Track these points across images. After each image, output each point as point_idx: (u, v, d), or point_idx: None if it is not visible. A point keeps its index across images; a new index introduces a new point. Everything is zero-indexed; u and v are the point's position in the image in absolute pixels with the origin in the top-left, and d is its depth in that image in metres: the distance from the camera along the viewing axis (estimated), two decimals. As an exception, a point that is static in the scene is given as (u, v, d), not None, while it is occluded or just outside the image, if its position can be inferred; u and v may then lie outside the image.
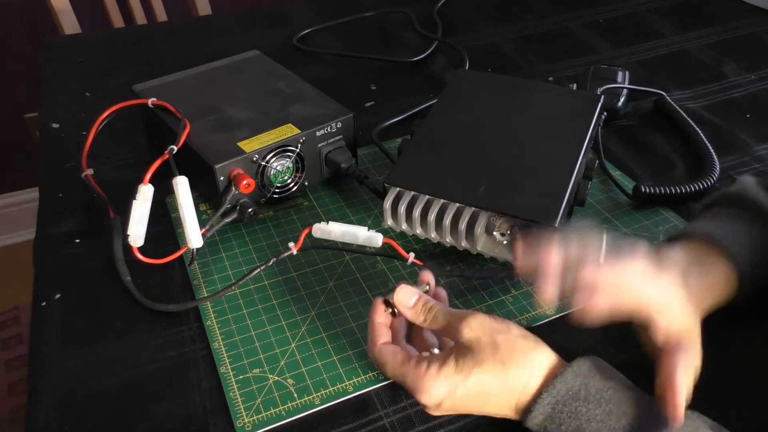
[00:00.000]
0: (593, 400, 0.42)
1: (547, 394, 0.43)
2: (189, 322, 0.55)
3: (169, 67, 0.77)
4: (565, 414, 0.42)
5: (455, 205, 0.56)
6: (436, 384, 0.44)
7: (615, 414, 0.41)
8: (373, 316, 0.49)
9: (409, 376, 0.45)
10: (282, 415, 0.48)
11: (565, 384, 0.43)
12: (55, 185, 0.71)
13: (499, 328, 0.45)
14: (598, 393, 0.42)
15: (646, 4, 1.11)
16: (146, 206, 0.57)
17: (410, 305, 0.48)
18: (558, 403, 0.42)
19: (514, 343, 0.44)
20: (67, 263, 0.61)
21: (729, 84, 0.88)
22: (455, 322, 0.46)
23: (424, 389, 0.44)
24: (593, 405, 0.42)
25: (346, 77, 0.92)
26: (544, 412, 0.43)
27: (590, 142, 0.62)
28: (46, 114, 0.84)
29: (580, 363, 0.44)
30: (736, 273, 0.50)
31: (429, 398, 0.44)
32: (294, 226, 0.65)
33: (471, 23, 1.06)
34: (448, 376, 0.44)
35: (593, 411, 0.42)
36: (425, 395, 0.44)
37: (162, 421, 0.48)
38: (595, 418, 0.41)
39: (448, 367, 0.44)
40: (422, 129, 0.64)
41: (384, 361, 0.47)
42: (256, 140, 0.62)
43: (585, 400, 0.42)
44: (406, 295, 0.49)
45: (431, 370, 0.44)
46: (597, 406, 0.42)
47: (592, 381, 0.43)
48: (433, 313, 0.48)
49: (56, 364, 0.52)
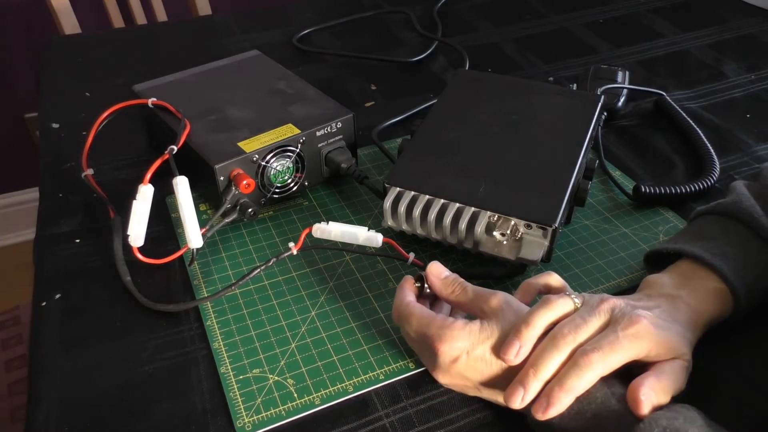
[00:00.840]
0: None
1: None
2: (189, 322, 0.55)
3: (169, 67, 0.77)
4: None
5: (455, 205, 0.56)
6: (460, 335, 0.45)
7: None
8: (402, 284, 0.51)
9: (435, 324, 0.46)
10: (282, 415, 0.48)
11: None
12: (55, 185, 0.71)
13: (524, 308, 0.47)
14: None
15: (646, 4, 1.11)
16: (146, 206, 0.57)
17: (441, 276, 0.51)
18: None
19: None
20: (67, 263, 0.61)
21: (729, 84, 0.88)
22: (485, 294, 0.48)
23: (446, 338, 0.45)
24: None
25: (346, 77, 0.92)
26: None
27: (590, 142, 0.62)
28: (46, 114, 0.84)
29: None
30: (730, 291, 0.50)
31: (448, 348, 0.45)
32: (294, 226, 0.65)
33: (471, 23, 1.06)
34: (472, 331, 0.46)
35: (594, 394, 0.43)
36: (447, 344, 0.45)
37: (162, 421, 0.48)
38: (596, 401, 0.42)
39: (473, 324, 0.46)
40: (422, 129, 0.64)
41: (410, 313, 0.48)
42: (256, 140, 0.62)
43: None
44: (438, 267, 0.51)
45: (457, 323, 0.46)
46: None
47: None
48: (463, 286, 0.50)
49: (56, 364, 0.52)
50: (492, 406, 0.48)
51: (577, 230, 0.64)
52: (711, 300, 0.49)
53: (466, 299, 0.49)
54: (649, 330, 0.44)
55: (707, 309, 0.49)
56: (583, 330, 0.44)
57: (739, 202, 0.54)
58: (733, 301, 0.50)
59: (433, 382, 0.50)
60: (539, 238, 0.55)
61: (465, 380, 0.46)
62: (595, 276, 0.59)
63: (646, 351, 0.44)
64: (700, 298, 0.49)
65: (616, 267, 0.59)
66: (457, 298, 0.50)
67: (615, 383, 0.43)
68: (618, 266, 0.59)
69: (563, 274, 0.58)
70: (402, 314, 0.49)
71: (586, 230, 0.64)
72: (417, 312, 0.48)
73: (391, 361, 0.51)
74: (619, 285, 0.58)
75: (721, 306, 0.50)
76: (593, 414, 0.42)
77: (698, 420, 0.40)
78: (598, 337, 0.44)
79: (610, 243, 0.62)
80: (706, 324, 0.49)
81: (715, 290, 0.50)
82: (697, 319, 0.48)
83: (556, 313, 0.46)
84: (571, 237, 0.63)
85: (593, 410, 0.42)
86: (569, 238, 0.63)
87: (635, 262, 0.60)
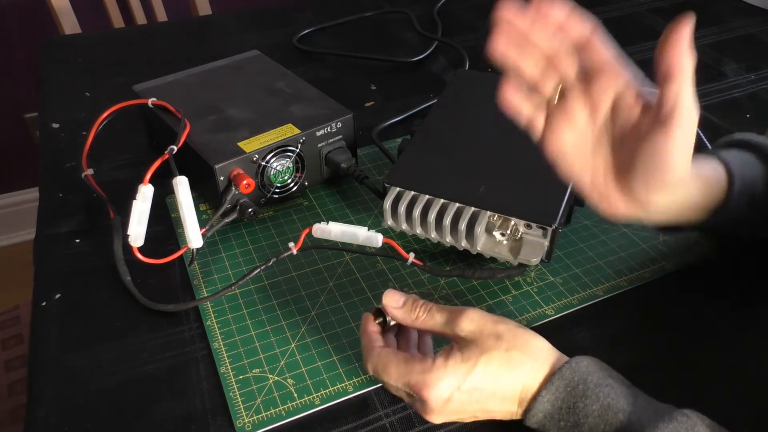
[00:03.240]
0: (591, 396, 0.42)
1: (546, 391, 0.43)
2: (189, 322, 0.55)
3: (169, 67, 0.77)
4: (564, 410, 0.42)
5: (455, 205, 0.56)
6: (444, 375, 0.43)
7: (612, 409, 0.41)
8: (364, 327, 0.48)
9: (415, 371, 0.44)
10: (282, 415, 0.48)
11: (563, 380, 0.43)
12: (55, 185, 0.71)
13: (498, 319, 0.45)
14: (597, 388, 0.42)
15: (646, 4, 1.11)
16: (146, 206, 0.57)
17: (399, 305, 0.47)
18: (557, 399, 0.42)
19: (516, 332, 0.45)
20: (67, 263, 0.61)
21: (729, 84, 0.88)
22: (454, 317, 0.45)
23: (431, 383, 0.43)
24: (591, 401, 0.42)
25: (346, 77, 0.92)
26: (543, 410, 0.43)
27: (590, 142, 0.62)
28: (46, 114, 0.84)
29: (578, 360, 0.44)
30: (726, 174, 0.50)
31: (438, 392, 0.42)
32: (294, 226, 0.65)
33: (471, 23, 1.06)
34: (455, 366, 0.43)
35: (591, 407, 0.42)
36: (434, 390, 0.42)
37: (162, 420, 0.48)
38: (593, 414, 0.41)
39: (454, 358, 0.43)
40: (422, 129, 0.64)
41: (385, 363, 0.45)
42: (256, 140, 0.62)
43: (583, 396, 0.42)
44: (393, 296, 0.47)
45: (438, 362, 0.43)
46: (594, 401, 0.42)
47: (591, 377, 0.43)
48: (428, 308, 0.47)
49: (56, 364, 0.52)
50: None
51: (577, 230, 0.64)
52: (704, 171, 0.49)
53: (434, 323, 0.46)
54: None
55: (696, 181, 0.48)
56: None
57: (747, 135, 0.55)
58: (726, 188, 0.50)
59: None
60: (539, 238, 0.55)
61: (462, 413, 0.45)
62: (595, 276, 0.59)
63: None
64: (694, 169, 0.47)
65: (616, 267, 0.59)
66: (424, 323, 0.46)
67: (610, 394, 0.43)
68: (618, 266, 0.59)
69: (563, 274, 0.59)
70: (377, 367, 0.45)
71: (586, 230, 0.64)
72: (393, 361, 0.45)
73: (391, 361, 0.51)
74: (619, 285, 0.58)
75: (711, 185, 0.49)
76: (589, 428, 0.41)
77: (700, 429, 0.41)
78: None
79: (610, 243, 0.62)
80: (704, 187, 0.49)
81: (714, 168, 0.50)
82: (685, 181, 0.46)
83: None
84: (571, 237, 0.63)
85: (589, 424, 0.42)
86: (569, 238, 0.63)
87: (635, 262, 0.60)
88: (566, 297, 0.57)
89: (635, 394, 0.43)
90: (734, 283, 0.58)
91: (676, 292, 0.57)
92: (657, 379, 0.46)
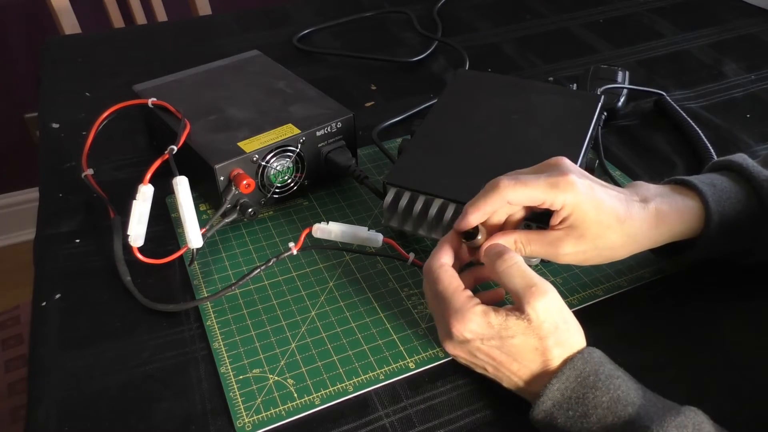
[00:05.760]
0: (602, 387, 0.42)
1: (557, 380, 0.43)
2: (189, 322, 0.55)
3: (169, 67, 0.77)
4: (573, 400, 0.42)
5: (455, 205, 0.56)
6: (476, 321, 0.44)
7: (622, 402, 0.42)
8: (442, 242, 0.50)
9: (457, 301, 0.45)
10: (282, 415, 0.48)
11: (574, 370, 0.43)
12: (55, 185, 0.71)
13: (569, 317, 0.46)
14: (608, 380, 0.43)
15: (646, 4, 1.11)
16: (146, 206, 0.57)
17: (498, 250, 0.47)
18: (567, 389, 0.43)
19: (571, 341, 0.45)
20: (67, 263, 0.61)
21: (729, 84, 0.88)
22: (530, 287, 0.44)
23: (464, 319, 0.44)
24: (601, 392, 0.42)
25: (346, 77, 0.92)
26: (552, 398, 0.43)
27: (590, 142, 0.62)
28: (46, 114, 0.83)
29: (590, 350, 0.45)
30: (704, 209, 0.51)
31: (463, 329, 0.44)
32: (294, 226, 0.65)
33: (471, 23, 1.06)
34: (491, 324, 0.44)
35: (600, 398, 0.42)
36: (461, 325, 0.44)
37: (162, 420, 0.48)
38: (602, 405, 0.42)
39: (498, 317, 0.44)
40: (422, 129, 0.64)
41: (437, 278, 0.47)
42: (256, 140, 0.62)
43: (593, 387, 0.42)
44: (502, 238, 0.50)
45: (480, 308, 0.45)
46: (605, 393, 0.42)
47: (602, 368, 0.43)
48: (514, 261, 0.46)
49: (56, 364, 0.52)
50: (492, 406, 0.48)
51: (577, 230, 0.64)
52: (682, 210, 0.51)
53: (508, 280, 0.45)
54: (572, 183, 0.47)
55: (674, 218, 0.51)
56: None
57: (732, 158, 0.56)
58: (704, 221, 0.51)
59: (433, 382, 0.50)
60: (539, 238, 0.55)
61: (474, 359, 0.46)
62: (595, 276, 0.59)
63: (561, 200, 0.47)
64: (672, 205, 0.51)
65: (616, 267, 0.59)
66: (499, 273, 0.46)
67: (621, 387, 0.43)
68: (618, 266, 0.59)
69: (563, 274, 0.59)
70: (430, 272, 0.48)
71: (586, 230, 0.64)
72: (445, 278, 0.47)
73: (391, 361, 0.51)
74: (619, 285, 0.58)
75: (689, 221, 0.51)
76: (598, 419, 0.42)
77: (705, 426, 0.41)
78: None
79: (610, 243, 0.62)
80: (669, 231, 0.51)
81: (691, 206, 0.51)
82: (661, 219, 0.50)
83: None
84: (571, 237, 0.63)
85: (598, 415, 0.42)
86: (569, 238, 0.63)
87: (635, 262, 0.60)
88: (566, 297, 0.57)
89: (644, 388, 0.43)
90: (735, 282, 0.58)
91: (677, 292, 0.57)
92: (657, 379, 0.46)
